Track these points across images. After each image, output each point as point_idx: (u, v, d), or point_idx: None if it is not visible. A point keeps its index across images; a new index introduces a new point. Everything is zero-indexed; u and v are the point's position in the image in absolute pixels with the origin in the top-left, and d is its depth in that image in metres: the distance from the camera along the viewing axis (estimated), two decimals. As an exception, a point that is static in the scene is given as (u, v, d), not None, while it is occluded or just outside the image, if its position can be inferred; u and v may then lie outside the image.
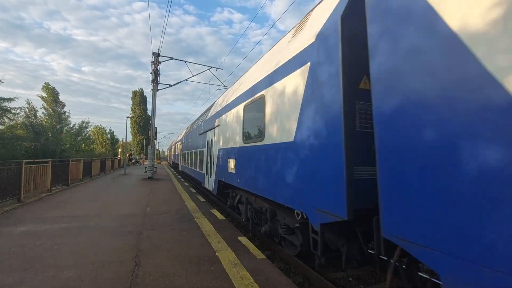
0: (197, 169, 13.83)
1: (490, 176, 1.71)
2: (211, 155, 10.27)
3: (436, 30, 2.10)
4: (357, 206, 3.01)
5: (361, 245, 3.61)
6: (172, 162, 39.21)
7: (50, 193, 10.56)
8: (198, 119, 17.05)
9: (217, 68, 20.02)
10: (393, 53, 2.45)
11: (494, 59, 1.73)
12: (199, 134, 13.43)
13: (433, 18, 2.13)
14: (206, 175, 11.10)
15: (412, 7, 2.31)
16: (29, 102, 26.11)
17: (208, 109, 13.41)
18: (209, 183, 10.46)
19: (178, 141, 28.11)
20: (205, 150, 11.65)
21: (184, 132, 24.94)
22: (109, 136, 49.87)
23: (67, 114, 32.27)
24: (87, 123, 34.83)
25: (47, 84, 32.19)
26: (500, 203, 1.65)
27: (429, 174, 2.09)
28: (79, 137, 33.40)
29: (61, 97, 32.75)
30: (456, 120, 1.92)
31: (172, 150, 40.60)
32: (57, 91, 32.44)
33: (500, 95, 1.68)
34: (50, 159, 11.51)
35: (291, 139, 4.21)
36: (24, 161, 9.15)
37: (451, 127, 1.95)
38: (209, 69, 19.70)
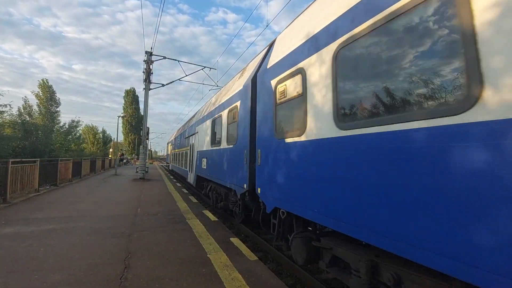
0: None
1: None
2: None
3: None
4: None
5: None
6: (198, 176, 11.61)
7: (37, 193, 10.32)
8: None
9: (210, 68, 19.93)
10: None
11: None
12: None
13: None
14: None
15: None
16: (26, 100, 26.00)
17: None
18: None
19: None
20: None
21: None
22: (101, 135, 49.20)
23: (58, 113, 31.72)
24: (78, 122, 34.26)
25: (44, 81, 31.32)
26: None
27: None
28: (69, 137, 32.81)
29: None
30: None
31: (198, 136, 11.98)
32: (53, 88, 31.76)
33: None
34: (38, 159, 11.25)
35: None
36: (10, 160, 8.92)
37: None
38: (202, 69, 19.59)
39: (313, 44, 3.69)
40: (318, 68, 3.51)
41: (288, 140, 4.03)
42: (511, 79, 1.66)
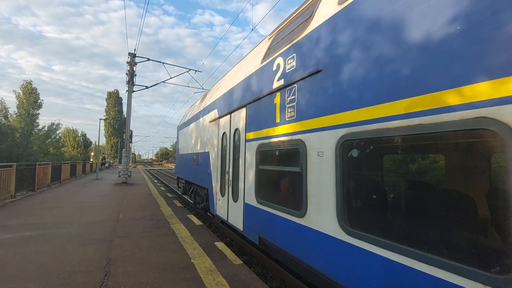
0: None
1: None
2: None
3: None
4: None
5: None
6: None
7: (14, 199, 9.88)
8: None
9: (196, 71, 19.80)
10: None
11: None
12: None
13: None
14: None
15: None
16: (2, 102, 24.95)
17: None
18: None
19: None
20: None
21: None
22: (81, 139, 47.62)
23: (37, 115, 30.46)
24: (57, 125, 32.97)
25: (29, 82, 29.80)
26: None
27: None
28: (48, 140, 31.54)
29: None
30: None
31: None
32: (37, 91, 30.36)
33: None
34: (15, 163, 10.79)
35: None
36: (-16, 165, 8.51)
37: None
38: (187, 72, 19.44)
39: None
40: None
41: None
42: None
